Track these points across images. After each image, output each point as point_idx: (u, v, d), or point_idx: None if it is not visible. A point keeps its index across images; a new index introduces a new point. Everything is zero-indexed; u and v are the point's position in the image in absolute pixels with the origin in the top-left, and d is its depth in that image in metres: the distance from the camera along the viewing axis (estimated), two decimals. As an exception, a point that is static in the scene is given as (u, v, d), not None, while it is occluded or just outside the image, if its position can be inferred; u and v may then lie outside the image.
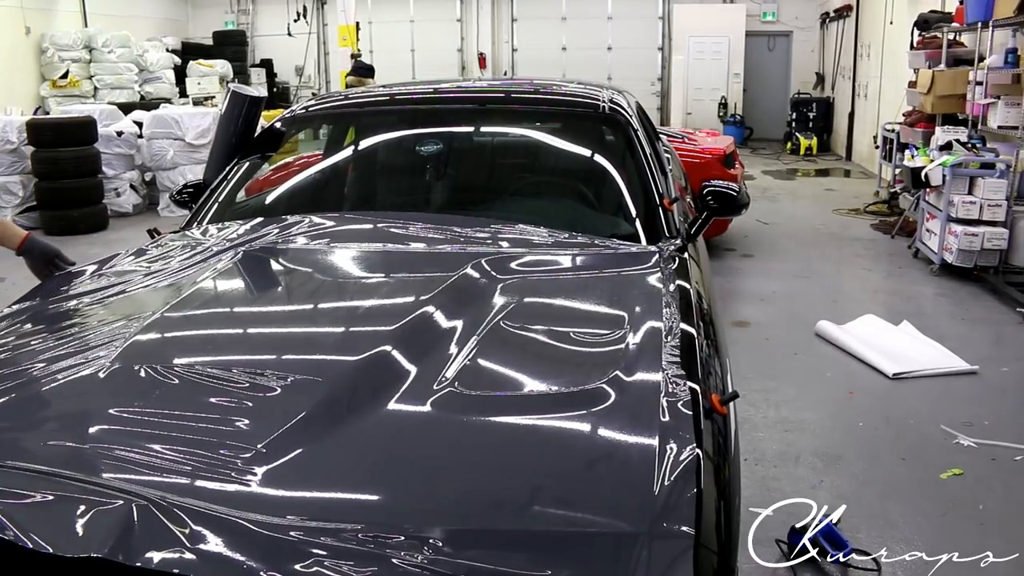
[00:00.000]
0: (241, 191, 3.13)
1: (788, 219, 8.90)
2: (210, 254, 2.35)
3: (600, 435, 1.48)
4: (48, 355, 1.75)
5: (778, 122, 15.71)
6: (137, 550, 1.14)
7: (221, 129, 3.38)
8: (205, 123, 9.47)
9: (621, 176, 2.91)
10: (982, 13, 6.79)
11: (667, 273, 2.24)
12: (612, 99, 3.15)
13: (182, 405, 1.53)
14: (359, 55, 11.02)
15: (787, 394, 4.27)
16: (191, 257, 2.35)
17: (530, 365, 1.77)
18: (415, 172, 3.32)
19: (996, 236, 6.18)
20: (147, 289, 2.17)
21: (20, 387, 1.62)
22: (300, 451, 1.39)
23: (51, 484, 1.28)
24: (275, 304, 2.22)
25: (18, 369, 1.70)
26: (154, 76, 14.07)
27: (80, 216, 8.59)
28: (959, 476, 3.44)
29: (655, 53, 16.55)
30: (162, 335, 1.87)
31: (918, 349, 4.81)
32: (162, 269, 2.30)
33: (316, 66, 17.34)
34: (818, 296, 6.11)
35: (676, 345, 1.76)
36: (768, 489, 3.29)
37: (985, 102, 6.82)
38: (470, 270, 2.14)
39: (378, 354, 1.69)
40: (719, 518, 1.38)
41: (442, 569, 1.16)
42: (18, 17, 12.39)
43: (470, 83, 4.53)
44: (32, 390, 1.62)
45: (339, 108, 3.46)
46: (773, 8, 15.87)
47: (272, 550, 1.18)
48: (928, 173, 6.60)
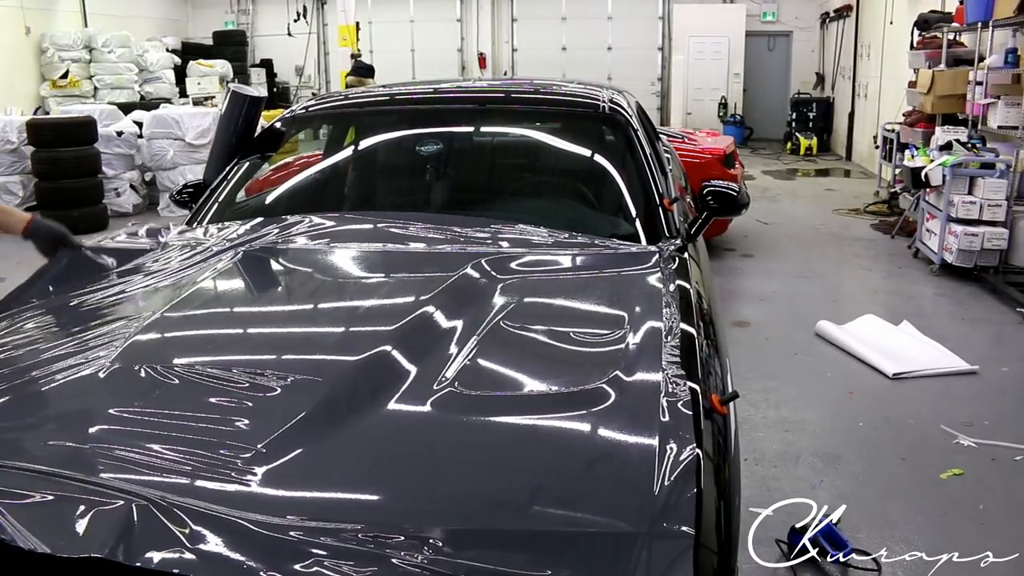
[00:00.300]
0: (241, 191, 3.14)
1: (788, 219, 8.90)
2: (210, 254, 2.36)
3: (600, 435, 1.48)
4: (48, 355, 1.74)
5: (778, 122, 15.71)
6: (137, 550, 1.14)
7: (221, 129, 3.38)
8: (205, 123, 9.47)
9: (621, 176, 2.91)
10: (982, 13, 6.79)
11: (667, 273, 2.24)
12: (612, 99, 3.15)
13: (182, 405, 1.53)
14: (359, 55, 11.02)
15: (787, 394, 4.27)
16: (191, 257, 2.35)
17: (530, 365, 1.77)
18: (415, 172, 3.32)
19: (996, 236, 6.19)
20: (147, 289, 2.17)
21: (20, 387, 1.62)
22: (300, 451, 1.39)
23: (51, 484, 1.28)
24: (275, 304, 2.22)
25: (18, 369, 1.70)
26: (154, 76, 14.08)
27: (80, 216, 8.58)
28: (959, 476, 3.44)
29: (655, 53, 16.55)
30: (162, 335, 1.87)
31: (918, 349, 4.81)
32: (162, 269, 2.30)
33: (316, 66, 17.35)
34: (818, 296, 6.11)
35: (676, 345, 1.76)
36: (768, 489, 3.29)
37: (985, 102, 6.82)
38: (470, 270, 2.14)
39: (378, 354, 1.69)
40: (719, 518, 1.38)
41: (442, 569, 1.16)
42: (18, 17, 12.39)
43: (470, 83, 4.53)
44: (32, 390, 1.62)
45: (339, 108, 3.46)
46: (773, 8, 15.87)
47: (272, 550, 1.18)
48: (928, 173, 6.60)
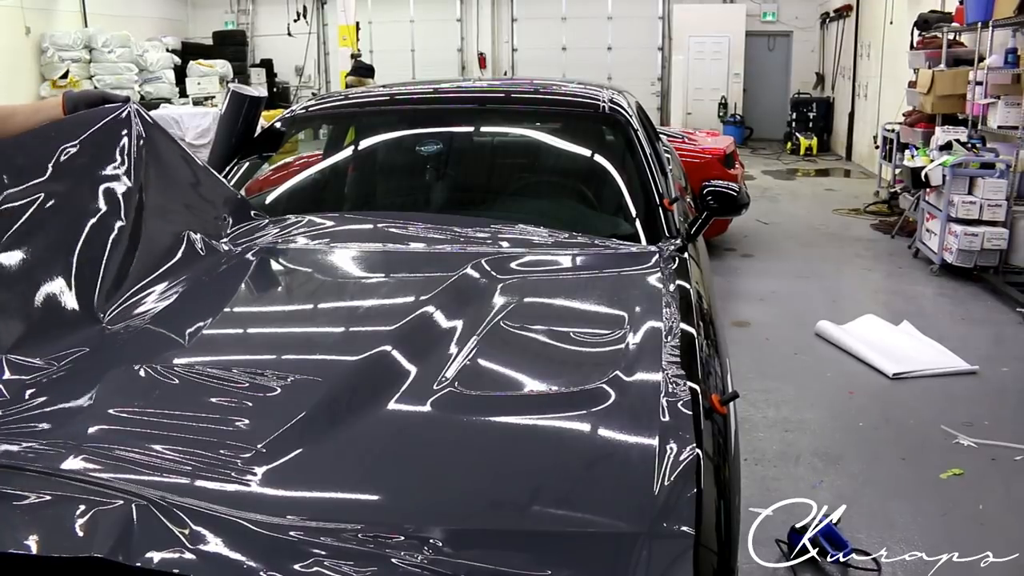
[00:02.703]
0: (241, 191, 3.13)
1: (788, 219, 8.90)
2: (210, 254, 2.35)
3: (600, 435, 1.48)
4: (48, 355, 1.74)
5: (778, 122, 15.70)
6: (137, 550, 1.14)
7: (221, 129, 3.37)
8: (205, 123, 9.48)
9: (621, 176, 2.91)
10: (982, 13, 6.79)
11: (667, 273, 2.24)
12: (612, 99, 3.15)
13: (182, 405, 1.53)
14: (359, 55, 11.01)
15: (787, 394, 4.27)
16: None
17: (530, 365, 1.77)
18: (415, 172, 3.32)
19: (996, 236, 6.18)
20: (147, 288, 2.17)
21: (20, 387, 1.62)
22: (300, 451, 1.39)
23: (51, 484, 1.28)
24: (275, 304, 2.22)
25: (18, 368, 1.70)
26: (154, 76, 14.05)
27: (80, 216, 8.58)
28: (959, 476, 3.45)
29: (655, 53, 16.54)
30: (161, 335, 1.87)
31: (918, 349, 4.81)
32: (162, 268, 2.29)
33: (316, 66, 17.33)
34: (818, 296, 6.11)
35: (676, 345, 1.76)
36: (768, 489, 3.29)
37: (985, 102, 6.82)
38: (470, 270, 2.14)
39: (378, 354, 1.69)
40: (719, 518, 1.38)
41: (442, 569, 1.16)
42: (18, 17, 12.38)
43: (470, 83, 4.53)
44: (32, 390, 1.62)
45: (339, 108, 3.46)
46: (773, 8, 15.86)
47: (272, 550, 1.18)
48: (928, 173, 6.60)
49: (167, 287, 2.11)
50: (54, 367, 1.68)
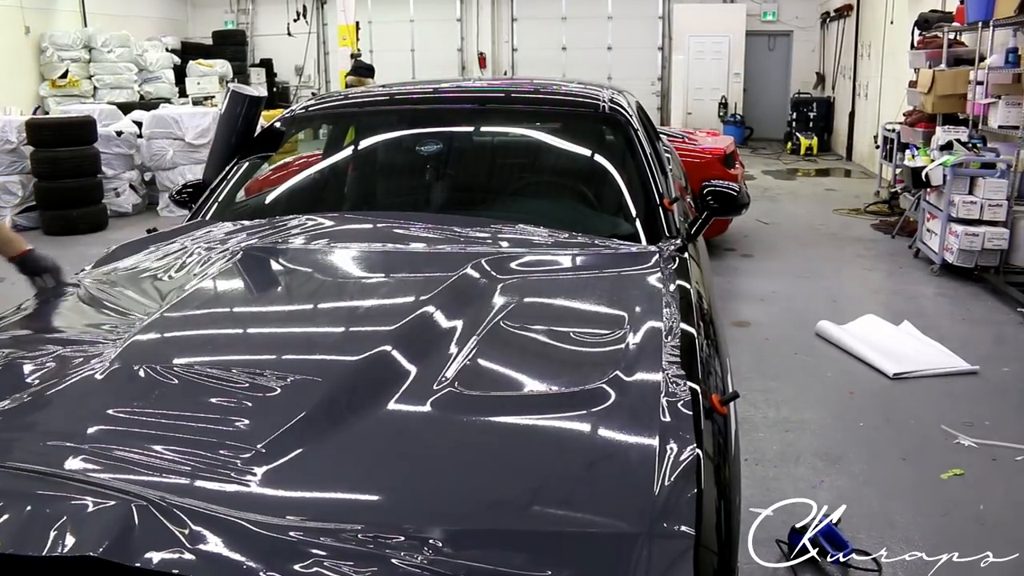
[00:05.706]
0: (241, 191, 3.14)
1: (788, 219, 8.90)
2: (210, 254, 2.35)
3: (600, 435, 1.47)
4: (48, 355, 1.74)
5: (778, 122, 15.71)
6: (137, 550, 1.14)
7: (221, 129, 3.38)
8: (205, 123, 9.46)
9: (621, 176, 2.91)
10: (982, 13, 6.78)
11: (667, 273, 2.24)
12: (612, 99, 3.15)
13: (182, 405, 1.53)
14: (359, 55, 11.01)
15: (787, 394, 4.27)
16: (191, 257, 2.35)
17: (530, 365, 1.77)
18: (415, 172, 3.32)
19: (997, 236, 6.18)
20: (146, 289, 2.17)
21: (20, 387, 1.62)
22: (300, 451, 1.39)
23: (50, 484, 1.28)
24: (275, 304, 2.22)
25: (17, 369, 1.70)
26: (154, 76, 14.07)
27: (80, 216, 8.59)
28: (960, 476, 3.44)
29: (655, 53, 16.55)
30: (162, 335, 1.87)
31: (918, 349, 4.81)
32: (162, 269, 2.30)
33: (316, 66, 17.34)
34: (818, 296, 6.11)
35: (676, 345, 1.76)
36: (768, 489, 3.28)
37: (986, 102, 6.81)
38: (470, 270, 2.14)
39: (378, 354, 1.69)
40: (719, 518, 1.38)
41: (442, 569, 1.16)
42: (18, 17, 12.39)
43: (470, 83, 4.53)
44: (32, 390, 1.61)
45: (339, 108, 3.46)
46: (773, 8, 15.87)
47: (272, 550, 1.18)
48: (929, 173, 6.60)
49: (171, 289, 2.12)
50: (54, 367, 1.68)
